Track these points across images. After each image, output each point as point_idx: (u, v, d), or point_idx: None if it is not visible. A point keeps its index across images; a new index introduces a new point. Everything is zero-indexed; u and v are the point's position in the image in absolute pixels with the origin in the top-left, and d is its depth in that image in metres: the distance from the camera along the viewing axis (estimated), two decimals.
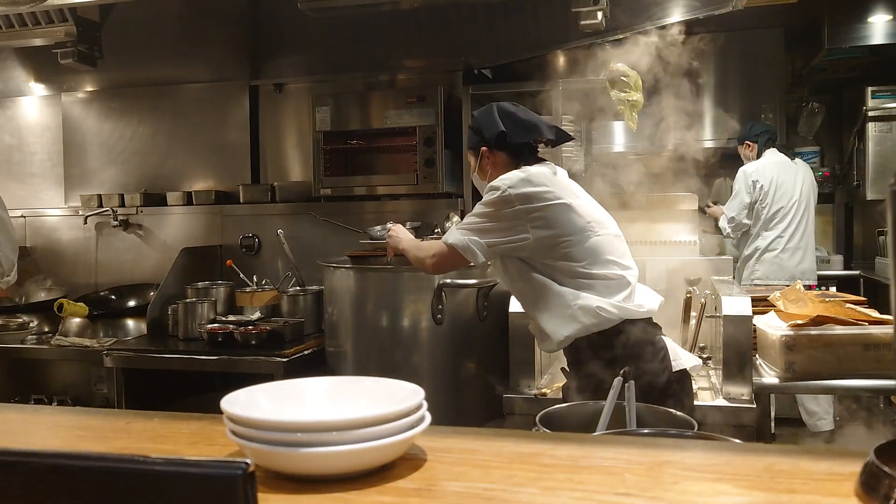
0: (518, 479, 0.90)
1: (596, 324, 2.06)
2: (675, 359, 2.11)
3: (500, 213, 2.11)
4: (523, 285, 2.18)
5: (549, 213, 2.09)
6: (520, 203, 2.09)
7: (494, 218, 2.12)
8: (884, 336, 2.33)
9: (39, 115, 4.37)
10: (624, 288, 2.11)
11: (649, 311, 2.14)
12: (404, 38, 3.73)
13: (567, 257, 2.10)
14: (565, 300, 2.08)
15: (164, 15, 3.89)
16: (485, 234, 2.12)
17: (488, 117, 2.26)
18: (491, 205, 2.13)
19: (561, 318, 2.09)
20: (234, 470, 0.62)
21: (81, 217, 4.12)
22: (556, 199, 2.10)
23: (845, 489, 0.84)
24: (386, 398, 1.00)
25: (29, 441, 1.17)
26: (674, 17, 3.11)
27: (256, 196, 3.88)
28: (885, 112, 4.79)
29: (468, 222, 2.18)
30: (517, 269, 2.17)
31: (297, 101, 3.96)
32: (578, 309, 2.07)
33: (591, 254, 2.11)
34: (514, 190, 2.10)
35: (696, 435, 1.36)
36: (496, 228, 2.12)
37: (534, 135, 2.23)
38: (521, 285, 2.19)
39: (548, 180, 2.14)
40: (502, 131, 2.20)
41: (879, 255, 4.80)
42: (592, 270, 2.10)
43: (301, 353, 2.93)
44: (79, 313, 3.51)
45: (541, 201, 2.10)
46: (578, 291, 2.08)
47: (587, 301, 2.06)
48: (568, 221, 2.10)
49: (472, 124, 2.33)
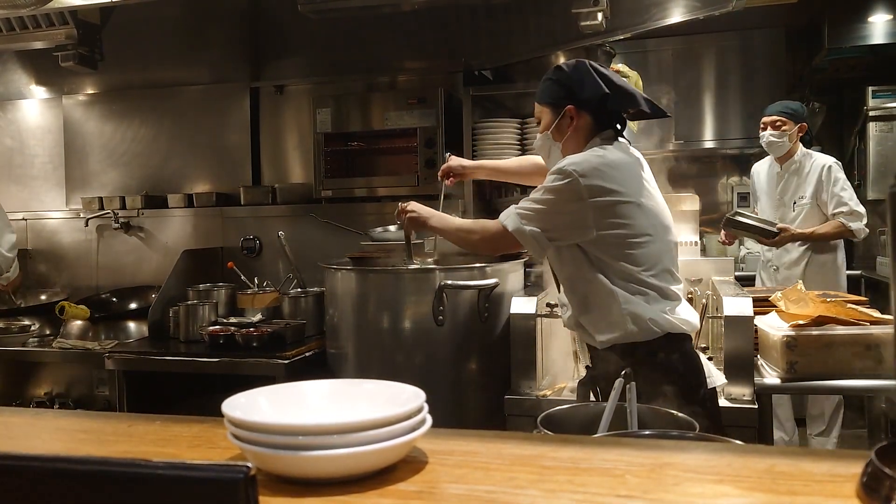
0: (519, 482, 0.90)
1: (642, 332, 1.95)
2: (708, 376, 2.06)
3: (565, 204, 1.95)
4: (575, 273, 2.04)
5: (617, 211, 1.94)
6: (589, 196, 1.92)
7: (559, 208, 1.96)
8: (885, 336, 2.32)
9: (40, 117, 4.37)
10: (673, 300, 2.01)
11: (693, 328, 2.04)
12: (405, 40, 3.73)
13: (626, 259, 1.96)
14: (617, 303, 1.96)
15: (164, 17, 3.89)
16: (546, 223, 1.96)
17: (583, 74, 2.03)
18: (556, 192, 1.95)
19: (608, 320, 1.98)
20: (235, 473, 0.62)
21: (82, 220, 4.12)
22: (627, 198, 1.95)
23: (846, 490, 0.84)
24: (387, 401, 1.00)
25: (30, 444, 1.18)
26: (674, 17, 3.11)
27: (257, 198, 3.88)
28: (885, 112, 4.79)
29: (529, 207, 1.99)
30: (572, 257, 2.02)
31: (297, 102, 3.96)
32: (628, 315, 1.95)
33: (650, 260, 1.98)
34: (585, 181, 1.92)
35: (697, 436, 1.36)
36: (559, 219, 1.97)
37: (631, 105, 2.04)
38: (572, 272, 2.05)
39: (622, 173, 1.98)
40: (606, 93, 1.99)
41: (880, 255, 4.79)
42: (648, 278, 1.97)
43: (302, 355, 2.93)
44: (80, 316, 3.51)
45: (611, 196, 1.93)
46: (630, 296, 1.96)
47: (638, 309, 1.95)
48: (635, 223, 1.95)
49: (557, 77, 2.08)
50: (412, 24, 3.63)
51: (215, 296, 3.39)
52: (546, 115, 2.11)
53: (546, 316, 2.57)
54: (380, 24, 3.61)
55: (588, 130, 2.05)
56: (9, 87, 4.38)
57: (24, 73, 4.33)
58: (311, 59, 3.90)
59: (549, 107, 2.10)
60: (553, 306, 2.55)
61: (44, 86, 4.35)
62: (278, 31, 3.94)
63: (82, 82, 4.22)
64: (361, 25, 3.63)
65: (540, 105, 2.14)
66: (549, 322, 2.61)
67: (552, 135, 2.09)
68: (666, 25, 3.17)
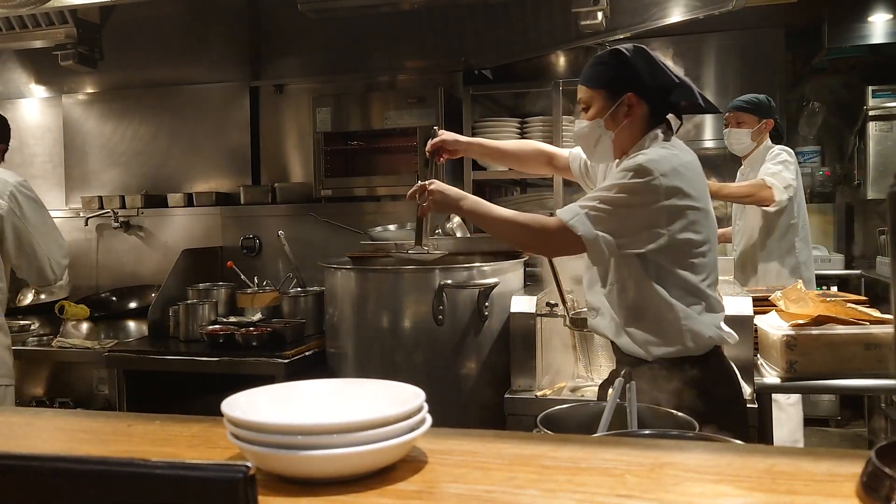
0: (519, 481, 0.90)
1: (698, 348, 1.83)
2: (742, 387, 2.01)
3: (640, 205, 1.77)
4: (627, 280, 1.86)
5: (691, 216, 1.79)
6: (666, 198, 1.76)
7: (633, 209, 1.78)
8: (885, 335, 2.32)
9: (40, 117, 4.38)
10: (720, 311, 1.90)
11: (735, 341, 1.94)
12: (404, 39, 3.73)
13: (689, 268, 1.82)
14: (675, 317, 1.81)
15: (164, 16, 3.89)
16: (619, 227, 1.77)
17: (647, 61, 1.86)
18: (633, 192, 1.77)
19: (662, 334, 1.83)
20: (234, 473, 0.62)
21: (82, 219, 4.12)
22: (698, 204, 1.81)
23: (846, 490, 0.84)
24: (387, 400, 1.00)
25: (30, 444, 1.18)
26: (674, 17, 3.11)
27: (257, 197, 3.88)
28: (885, 111, 4.79)
29: (599, 208, 1.78)
30: (627, 262, 1.85)
31: (297, 102, 3.96)
32: (688, 331, 1.81)
33: (708, 269, 1.85)
34: (666, 181, 1.76)
35: (696, 436, 1.36)
36: (632, 223, 1.78)
37: (690, 97, 1.88)
38: (623, 278, 1.87)
39: (695, 175, 1.84)
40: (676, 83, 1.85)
41: (880, 255, 4.80)
42: (706, 288, 1.84)
43: (302, 355, 2.93)
44: (80, 315, 3.51)
45: (686, 200, 1.78)
46: (689, 310, 1.82)
47: (697, 325, 1.82)
48: (701, 230, 1.82)
49: (617, 61, 1.88)
50: (412, 24, 3.63)
51: (215, 295, 3.39)
52: (598, 101, 1.90)
53: (546, 315, 2.57)
54: (379, 24, 3.61)
55: (644, 122, 1.89)
56: (8, 87, 4.38)
57: (23, 73, 4.33)
58: (311, 59, 3.90)
59: (605, 92, 1.89)
60: (553, 305, 2.55)
61: (43, 85, 4.35)
62: (278, 30, 3.94)
63: (82, 81, 4.22)
64: (361, 25, 3.63)
65: (591, 90, 1.92)
66: (548, 321, 2.61)
67: (605, 123, 1.89)
68: (666, 25, 3.18)
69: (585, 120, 1.93)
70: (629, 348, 1.90)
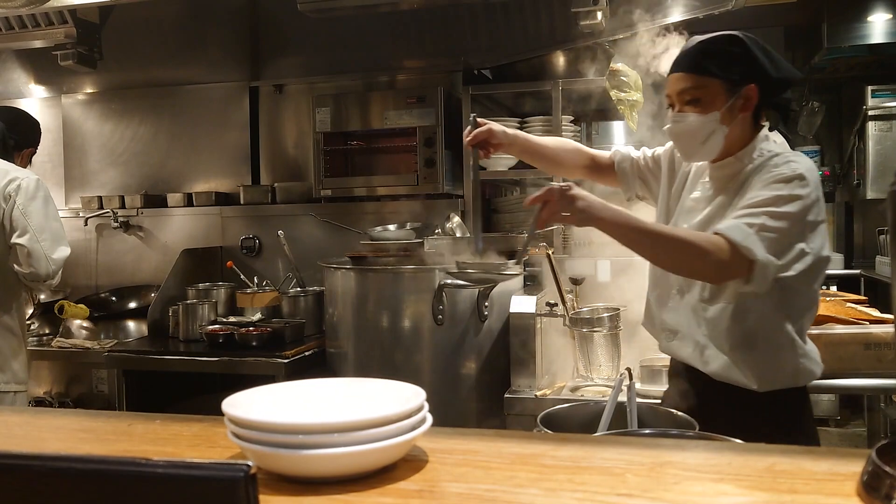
0: (519, 480, 0.90)
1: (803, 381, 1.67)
2: None
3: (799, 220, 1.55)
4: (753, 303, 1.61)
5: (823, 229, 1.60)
6: (816, 213, 1.56)
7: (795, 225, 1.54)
8: (885, 335, 2.33)
9: (39, 116, 4.33)
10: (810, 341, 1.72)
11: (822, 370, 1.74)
12: (404, 39, 3.73)
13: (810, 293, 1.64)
14: (793, 349, 1.62)
15: (163, 16, 3.89)
16: (785, 249, 1.53)
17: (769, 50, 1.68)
18: (799, 204, 1.54)
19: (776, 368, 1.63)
20: (235, 472, 0.62)
21: (82, 219, 4.12)
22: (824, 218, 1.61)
23: (847, 489, 0.84)
24: (387, 400, 1.00)
25: (30, 444, 1.17)
26: (674, 16, 3.11)
27: (257, 197, 3.88)
28: (885, 111, 4.78)
29: (771, 227, 1.51)
30: None
31: (297, 101, 3.95)
32: (804, 370, 1.63)
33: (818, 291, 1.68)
34: (817, 193, 1.57)
35: (697, 435, 1.36)
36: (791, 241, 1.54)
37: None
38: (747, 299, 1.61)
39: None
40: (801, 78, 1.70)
41: (880, 254, 4.80)
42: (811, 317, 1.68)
43: (302, 354, 2.93)
44: (80, 315, 3.51)
45: (823, 213, 1.59)
46: (804, 345, 1.64)
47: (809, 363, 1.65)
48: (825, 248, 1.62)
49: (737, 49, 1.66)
50: (411, 23, 3.63)
51: (215, 295, 3.39)
52: (713, 91, 1.65)
53: (546, 315, 2.57)
54: (379, 24, 3.61)
55: (754, 118, 1.69)
56: (8, 87, 4.37)
57: (23, 72, 4.32)
58: (311, 59, 3.90)
59: (723, 82, 1.65)
60: (553, 305, 2.55)
61: (43, 85, 4.35)
62: (278, 30, 3.94)
63: (81, 81, 4.21)
64: (361, 24, 3.63)
65: (704, 77, 1.66)
66: (548, 321, 2.61)
67: (722, 116, 1.65)
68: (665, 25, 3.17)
69: (692, 113, 1.67)
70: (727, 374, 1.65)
